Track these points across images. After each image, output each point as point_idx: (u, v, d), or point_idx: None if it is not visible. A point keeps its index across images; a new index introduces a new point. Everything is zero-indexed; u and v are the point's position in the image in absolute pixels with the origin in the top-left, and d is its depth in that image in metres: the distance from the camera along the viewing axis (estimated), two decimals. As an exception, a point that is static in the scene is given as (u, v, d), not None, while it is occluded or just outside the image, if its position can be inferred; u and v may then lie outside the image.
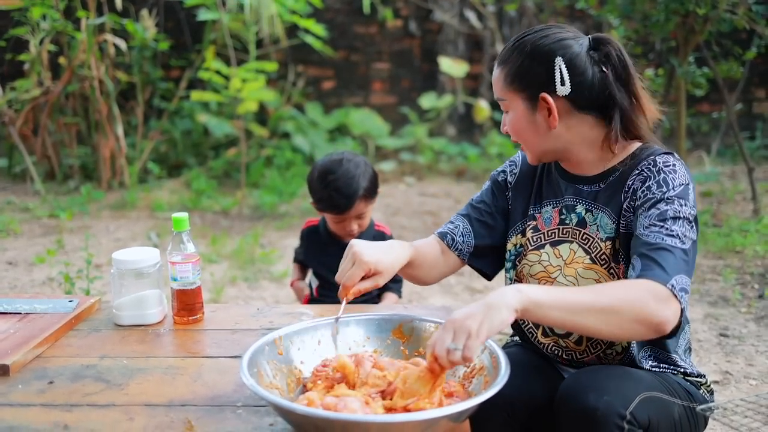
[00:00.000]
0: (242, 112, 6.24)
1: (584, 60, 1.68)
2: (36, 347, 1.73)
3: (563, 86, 1.67)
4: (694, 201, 1.64)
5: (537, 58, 1.69)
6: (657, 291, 1.46)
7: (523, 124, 1.73)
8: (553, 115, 1.69)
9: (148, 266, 1.92)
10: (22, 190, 6.85)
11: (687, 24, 5.08)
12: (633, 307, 1.44)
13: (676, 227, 1.56)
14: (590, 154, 1.76)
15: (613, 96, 1.68)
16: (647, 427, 1.53)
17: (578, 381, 1.57)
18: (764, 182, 6.27)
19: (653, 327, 1.45)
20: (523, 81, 1.70)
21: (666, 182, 1.63)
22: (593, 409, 1.48)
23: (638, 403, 1.51)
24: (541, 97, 1.68)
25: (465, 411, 1.33)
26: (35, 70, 6.82)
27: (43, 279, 4.45)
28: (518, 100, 1.72)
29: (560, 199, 1.82)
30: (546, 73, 1.68)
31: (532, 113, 1.71)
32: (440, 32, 8.35)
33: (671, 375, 1.73)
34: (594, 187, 1.76)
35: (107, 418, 1.44)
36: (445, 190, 7.03)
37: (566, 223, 1.79)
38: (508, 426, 1.72)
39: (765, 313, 3.72)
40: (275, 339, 1.58)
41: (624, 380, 1.57)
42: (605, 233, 1.72)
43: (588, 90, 1.68)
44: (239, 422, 1.42)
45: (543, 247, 1.82)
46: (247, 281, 4.51)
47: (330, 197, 2.50)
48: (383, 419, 1.32)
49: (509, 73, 1.72)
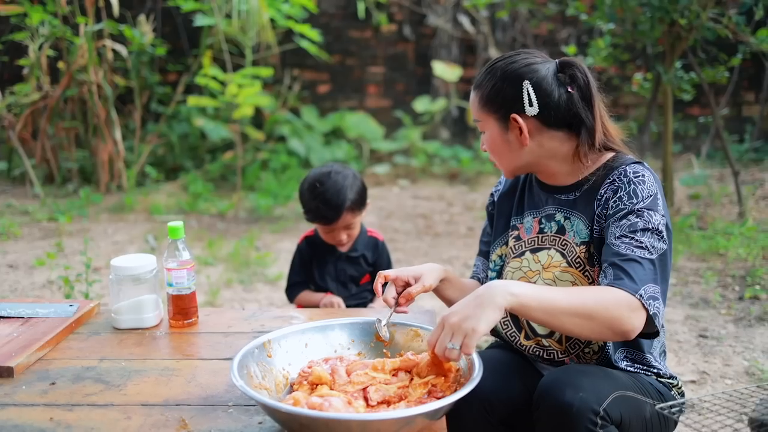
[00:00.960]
0: (238, 117, 6.33)
1: (550, 82, 1.81)
2: (39, 350, 1.82)
3: (531, 107, 1.81)
4: (663, 209, 1.75)
5: (507, 82, 1.82)
6: (629, 301, 1.60)
7: (498, 143, 1.87)
8: (524, 134, 1.82)
9: (145, 272, 2.02)
10: (22, 193, 6.93)
11: (673, 31, 5.18)
12: (608, 314, 1.57)
13: (645, 239, 1.68)
14: (563, 166, 1.88)
15: (579, 114, 1.82)
16: (619, 424, 1.63)
17: (556, 378, 1.67)
18: (751, 185, 6.35)
19: (620, 333, 1.60)
20: (494, 103, 1.84)
21: (636, 193, 1.74)
22: (569, 404, 1.57)
23: (612, 401, 1.59)
24: (512, 117, 1.82)
25: (440, 409, 1.42)
26: (34, 74, 6.90)
27: (43, 282, 4.53)
28: (492, 120, 1.86)
29: (540, 210, 1.94)
30: (515, 96, 1.81)
31: (505, 132, 1.85)
32: (434, 37, 8.43)
33: (644, 376, 1.83)
34: (571, 195, 1.88)
35: (106, 418, 1.52)
36: (438, 193, 7.12)
37: (545, 232, 1.91)
38: (487, 422, 1.82)
39: (744, 314, 3.82)
40: (264, 342, 1.67)
41: (599, 378, 1.67)
42: (580, 238, 1.83)
43: (555, 109, 1.82)
44: (230, 421, 1.51)
45: (523, 255, 1.93)
46: (243, 284, 4.59)
47: (318, 209, 2.58)
48: (363, 417, 1.40)
49: (482, 96, 1.86)
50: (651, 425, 1.75)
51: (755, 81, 8.05)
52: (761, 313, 3.81)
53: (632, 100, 8.06)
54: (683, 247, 4.93)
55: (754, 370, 3.19)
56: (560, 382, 1.63)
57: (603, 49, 5.51)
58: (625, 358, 1.84)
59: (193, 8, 6.70)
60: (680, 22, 4.88)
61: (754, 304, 3.93)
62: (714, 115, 5.67)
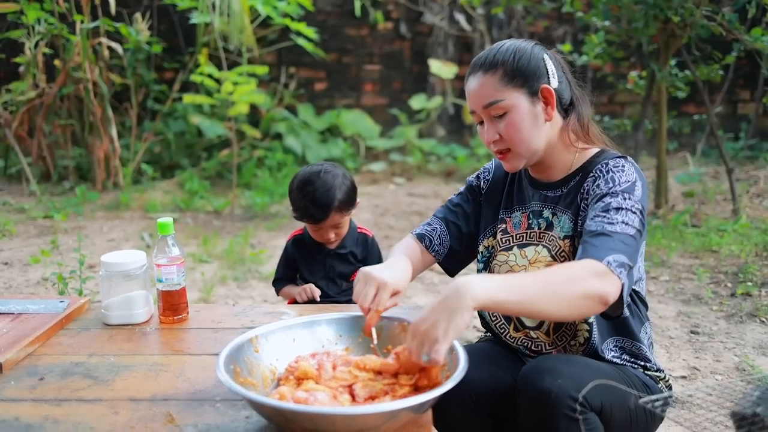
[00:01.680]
0: (234, 114, 6.33)
1: (555, 62, 1.87)
2: (28, 346, 1.82)
3: (554, 78, 1.83)
4: (640, 197, 1.74)
5: (530, 57, 1.82)
6: (593, 267, 1.57)
7: (526, 120, 1.81)
8: (551, 105, 1.82)
9: (135, 268, 2.02)
10: (18, 191, 6.94)
11: (668, 29, 5.19)
12: (576, 285, 1.53)
13: (617, 216, 1.67)
14: (560, 155, 1.89)
15: (576, 95, 1.88)
16: (600, 412, 1.63)
17: (536, 365, 1.68)
18: (745, 182, 6.37)
19: (597, 300, 1.54)
20: (522, 77, 1.81)
21: (613, 179, 1.76)
22: (547, 391, 1.58)
23: (591, 388, 1.60)
24: (543, 88, 1.81)
25: (426, 402, 1.42)
26: (30, 72, 6.91)
27: (37, 279, 4.53)
28: (519, 95, 1.81)
29: (528, 205, 1.95)
30: (540, 68, 1.82)
31: (533, 106, 1.82)
32: (430, 34, 8.44)
33: (631, 368, 1.84)
34: (557, 191, 1.89)
35: (94, 412, 1.52)
36: (434, 191, 7.13)
37: (533, 228, 1.92)
38: (473, 415, 1.84)
39: (735, 311, 3.84)
40: (251, 338, 1.68)
41: (580, 366, 1.67)
42: (564, 232, 1.84)
43: (565, 86, 1.86)
44: (217, 415, 1.51)
45: (511, 249, 1.94)
46: (237, 281, 4.60)
47: (306, 207, 2.58)
48: (348, 411, 1.41)
49: (506, 72, 1.81)
50: (636, 416, 1.76)
51: (750, 79, 8.08)
52: (752, 309, 3.82)
53: (627, 97, 8.08)
54: (676, 244, 4.94)
55: (745, 365, 3.20)
56: (540, 369, 1.64)
57: (597, 46, 5.52)
58: (615, 347, 1.85)
59: (189, 6, 6.71)
60: (674, 19, 4.90)
61: (745, 301, 3.95)
62: (708, 113, 5.69)
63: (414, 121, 8.40)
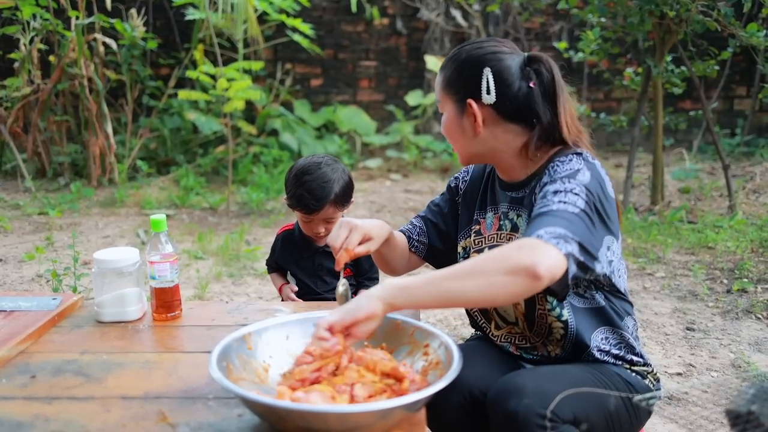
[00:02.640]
0: (229, 110, 6.32)
1: (513, 73, 1.79)
2: (19, 343, 1.81)
3: (488, 95, 1.78)
4: (587, 182, 1.67)
5: (469, 66, 1.81)
6: (520, 243, 1.51)
7: (453, 127, 1.86)
8: (477, 122, 1.80)
9: (128, 265, 2.01)
10: (13, 187, 6.92)
11: (663, 24, 5.19)
12: (495, 262, 1.48)
13: (554, 198, 1.63)
14: (515, 160, 1.86)
15: (536, 110, 1.80)
16: (573, 421, 1.61)
17: (502, 387, 1.66)
18: (742, 179, 6.37)
19: (524, 273, 1.46)
20: (454, 86, 1.83)
21: (555, 171, 1.72)
22: (514, 413, 1.57)
23: (560, 401, 1.58)
24: (468, 102, 1.81)
25: (419, 401, 1.41)
26: (25, 68, 6.89)
27: (32, 276, 4.52)
28: (450, 103, 1.85)
29: (498, 206, 1.95)
30: (474, 81, 1.80)
31: (460, 117, 1.83)
32: (426, 30, 8.43)
33: (612, 367, 1.82)
34: (521, 192, 1.88)
35: (85, 410, 1.52)
36: (430, 187, 7.13)
37: (502, 229, 1.92)
38: (466, 413, 1.82)
39: (731, 307, 3.84)
40: (245, 335, 1.67)
41: (546, 380, 1.65)
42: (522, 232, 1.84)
43: (512, 101, 1.79)
44: (209, 413, 1.50)
45: (482, 251, 1.95)
46: (232, 277, 4.59)
47: (302, 196, 2.57)
48: (340, 409, 1.40)
49: (445, 77, 1.86)
50: (618, 417, 1.74)
51: (747, 75, 8.08)
52: (748, 305, 3.83)
53: (623, 94, 8.08)
54: (672, 241, 4.95)
55: (740, 362, 3.20)
56: (506, 391, 1.63)
57: (593, 42, 5.52)
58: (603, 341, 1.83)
59: (185, 2, 6.69)
60: (669, 14, 4.89)
61: (741, 297, 3.95)
62: (704, 109, 5.69)
63: (410, 118, 8.39)
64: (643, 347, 1.95)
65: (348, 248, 1.81)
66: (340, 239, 1.83)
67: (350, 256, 1.84)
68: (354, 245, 1.82)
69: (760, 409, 1.35)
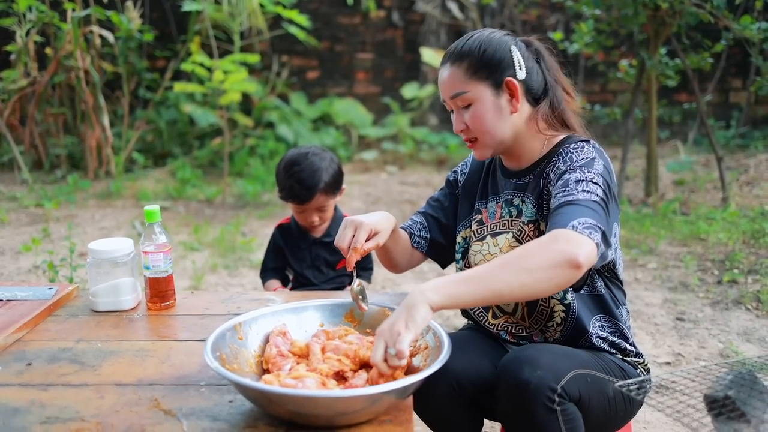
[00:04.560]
0: (225, 103, 6.34)
1: (524, 53, 1.86)
2: (16, 332, 1.84)
3: (521, 70, 1.83)
4: (602, 172, 1.74)
5: (496, 48, 1.83)
6: (556, 235, 1.54)
7: (489, 110, 1.84)
8: (516, 97, 1.83)
9: (122, 255, 2.04)
10: (10, 179, 6.94)
11: (657, 16, 5.21)
12: (537, 257, 1.51)
13: (578, 187, 1.68)
14: (528, 142, 1.90)
15: (550, 85, 1.87)
16: (578, 401, 1.66)
17: (516, 356, 1.69)
18: (735, 171, 6.40)
19: (567, 264, 1.50)
20: (487, 69, 1.82)
21: (571, 158, 1.78)
22: (526, 382, 1.60)
23: (570, 378, 1.62)
24: (507, 81, 1.82)
25: (408, 387, 1.43)
26: (22, 60, 6.91)
27: (29, 267, 4.55)
28: (483, 87, 1.83)
29: (501, 195, 1.97)
30: (505, 60, 1.83)
31: (497, 98, 1.84)
32: (423, 23, 8.45)
33: (608, 355, 1.87)
34: (525, 179, 1.92)
35: (80, 397, 1.54)
36: (426, 179, 7.15)
37: (505, 217, 1.94)
38: (454, 401, 1.85)
39: (721, 298, 3.88)
40: (235, 325, 1.70)
41: (559, 356, 1.69)
42: (527, 217, 1.87)
43: (535, 77, 1.87)
44: (202, 399, 1.53)
45: (485, 239, 1.97)
46: (228, 269, 4.62)
47: (292, 188, 2.60)
48: (330, 394, 1.42)
49: (471, 63, 1.83)
50: (614, 404, 1.78)
51: (742, 67, 8.10)
52: (738, 296, 3.86)
53: (619, 86, 8.10)
54: (665, 232, 4.98)
55: (729, 352, 3.24)
56: (519, 361, 1.65)
57: (587, 34, 5.54)
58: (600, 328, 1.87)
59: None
60: (663, 6, 4.91)
61: (731, 288, 3.98)
62: (698, 102, 5.71)
63: (406, 110, 8.41)
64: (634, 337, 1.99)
65: (356, 247, 1.79)
66: (347, 239, 1.81)
67: (360, 255, 1.82)
68: (362, 243, 1.80)
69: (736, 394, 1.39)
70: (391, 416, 1.46)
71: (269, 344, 1.68)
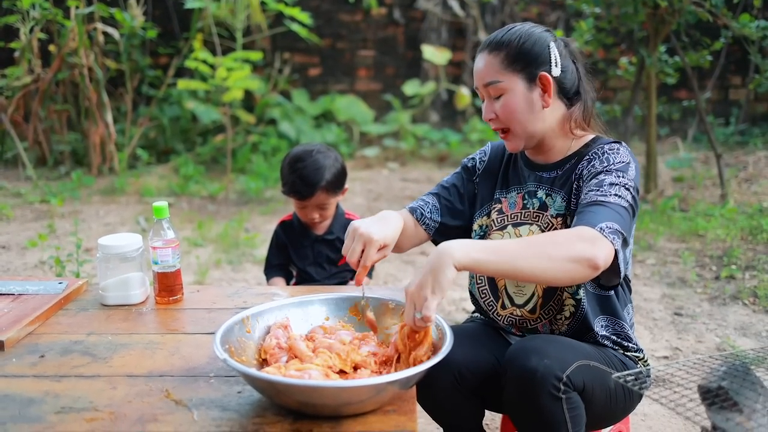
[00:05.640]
0: (228, 100, 6.38)
1: (562, 52, 1.91)
2: (28, 325, 1.89)
3: (556, 67, 1.87)
4: (634, 178, 1.80)
5: (535, 42, 1.87)
6: (582, 233, 1.61)
7: (521, 103, 1.87)
8: (548, 92, 1.87)
9: (131, 251, 2.08)
10: (14, 175, 6.98)
11: (657, 14, 5.24)
12: (561, 248, 1.57)
13: (611, 190, 1.74)
14: (558, 140, 1.95)
15: (583, 86, 1.93)
16: (582, 391, 1.71)
17: (523, 345, 1.73)
18: (734, 168, 6.43)
19: (585, 263, 1.57)
20: (523, 61, 1.86)
21: (608, 159, 1.82)
22: (533, 370, 1.64)
23: (575, 368, 1.67)
24: (541, 75, 1.86)
25: (412, 377, 1.48)
26: (25, 57, 6.93)
27: (35, 262, 4.59)
28: (517, 79, 1.87)
29: (523, 186, 2.00)
30: (542, 55, 1.87)
31: (529, 92, 1.87)
32: (424, 20, 8.46)
33: (611, 350, 1.91)
34: (553, 173, 1.95)
35: (93, 388, 1.59)
36: (427, 176, 7.19)
37: (528, 208, 1.97)
38: (457, 392, 1.90)
39: (719, 293, 3.92)
40: (243, 318, 1.74)
41: (565, 347, 1.74)
42: (556, 211, 1.90)
43: (569, 76, 1.91)
44: (211, 390, 1.58)
45: (505, 228, 1.99)
46: (231, 264, 4.67)
47: (294, 183, 2.64)
48: (336, 384, 1.46)
49: (508, 54, 1.87)
50: (615, 395, 1.83)
51: (742, 65, 8.12)
52: (736, 291, 3.91)
53: (618, 83, 8.12)
54: (664, 228, 5.02)
55: (726, 346, 3.28)
56: (526, 349, 1.70)
57: (586, 32, 5.58)
58: (603, 326, 1.92)
59: (184, -9, 6.73)
60: (662, 4, 4.95)
61: (729, 284, 4.03)
62: (697, 99, 5.75)
63: (407, 107, 8.44)
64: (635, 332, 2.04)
65: (366, 265, 1.78)
66: (356, 255, 1.78)
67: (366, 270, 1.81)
68: (372, 261, 1.79)
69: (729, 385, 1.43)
70: (395, 406, 1.50)
71: (270, 335, 1.72)
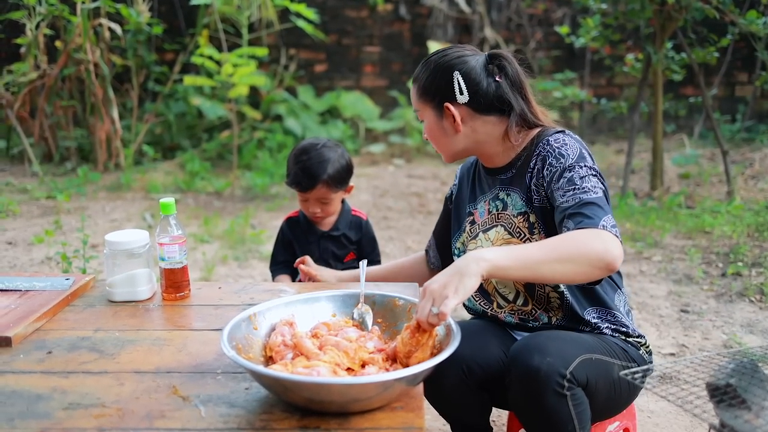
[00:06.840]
0: (234, 96, 6.38)
1: (479, 72, 1.97)
2: (36, 321, 1.89)
3: (462, 95, 1.96)
4: (591, 161, 1.89)
5: (439, 74, 1.97)
6: (598, 233, 1.68)
7: (435, 131, 2.03)
8: (457, 122, 1.97)
9: (138, 247, 2.08)
10: (20, 171, 6.99)
11: (664, 11, 5.23)
12: (584, 252, 1.64)
13: (587, 184, 1.81)
14: (497, 147, 2.03)
15: (509, 100, 1.97)
16: (586, 386, 1.74)
17: (525, 344, 1.76)
18: (741, 164, 6.42)
19: (605, 266, 1.65)
20: (429, 93, 1.99)
21: (562, 154, 1.89)
22: (536, 369, 1.67)
23: (578, 364, 1.70)
24: (445, 106, 1.97)
25: (419, 374, 1.48)
26: (32, 53, 6.94)
27: (41, 258, 4.60)
28: (428, 110, 2.02)
29: (488, 193, 2.09)
30: (447, 86, 1.96)
31: (440, 120, 2.01)
32: (430, 16, 8.46)
33: (611, 337, 1.93)
34: (508, 174, 2.03)
35: (100, 384, 1.59)
36: (433, 172, 7.19)
37: (492, 212, 2.05)
38: (465, 387, 1.92)
39: (726, 290, 3.91)
40: (250, 315, 1.74)
41: (566, 343, 1.76)
42: (516, 210, 1.96)
43: (484, 96, 1.97)
44: (218, 386, 1.58)
45: (477, 236, 2.06)
46: (237, 260, 4.67)
47: (296, 174, 2.65)
48: (343, 381, 1.47)
49: (419, 87, 2.01)
50: (619, 386, 1.86)
51: (748, 61, 8.10)
52: (742, 288, 3.90)
53: (625, 80, 8.11)
54: (670, 225, 5.01)
55: (732, 343, 3.28)
56: (529, 348, 1.72)
57: (593, 28, 5.57)
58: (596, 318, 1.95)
59: (190, -13, 6.73)
60: (669, 1, 4.94)
61: (735, 280, 4.02)
62: (704, 96, 5.74)
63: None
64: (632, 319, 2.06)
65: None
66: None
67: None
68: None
69: (738, 382, 1.43)
70: (402, 403, 1.50)
71: (275, 332, 1.73)
